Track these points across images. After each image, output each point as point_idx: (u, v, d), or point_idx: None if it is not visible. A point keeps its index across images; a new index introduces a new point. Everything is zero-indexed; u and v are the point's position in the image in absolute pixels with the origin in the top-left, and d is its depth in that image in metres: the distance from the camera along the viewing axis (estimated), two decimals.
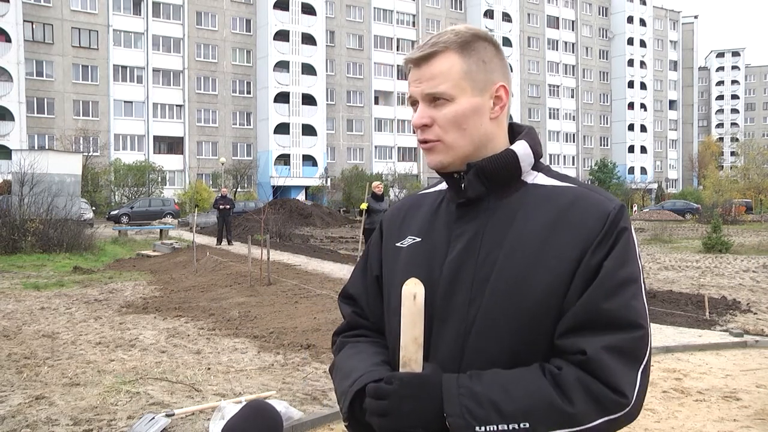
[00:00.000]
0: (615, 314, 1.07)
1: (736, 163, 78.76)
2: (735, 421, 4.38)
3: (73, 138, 45.78)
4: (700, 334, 7.20)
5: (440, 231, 1.23)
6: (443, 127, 1.18)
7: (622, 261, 1.10)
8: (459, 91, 1.17)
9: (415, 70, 1.20)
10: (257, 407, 1.51)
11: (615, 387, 1.04)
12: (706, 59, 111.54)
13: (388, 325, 1.27)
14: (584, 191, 1.18)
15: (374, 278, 1.33)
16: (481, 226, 1.18)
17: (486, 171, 1.18)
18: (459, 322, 1.15)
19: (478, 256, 1.16)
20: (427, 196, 1.34)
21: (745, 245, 20.74)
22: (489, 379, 1.07)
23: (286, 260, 14.69)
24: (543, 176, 1.22)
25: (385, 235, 1.34)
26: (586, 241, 1.11)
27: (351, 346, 1.29)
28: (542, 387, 1.05)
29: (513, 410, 1.03)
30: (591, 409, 1.04)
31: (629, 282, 1.10)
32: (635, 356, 1.08)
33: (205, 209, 37.86)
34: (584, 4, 78.90)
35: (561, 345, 1.09)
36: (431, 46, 1.18)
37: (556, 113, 75.61)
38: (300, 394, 4.94)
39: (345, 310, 1.37)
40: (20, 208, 17.16)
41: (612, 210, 1.13)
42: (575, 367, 1.06)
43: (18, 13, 45.66)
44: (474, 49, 1.19)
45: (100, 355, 6.27)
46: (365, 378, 1.15)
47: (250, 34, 57.38)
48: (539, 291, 1.10)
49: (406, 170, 60.82)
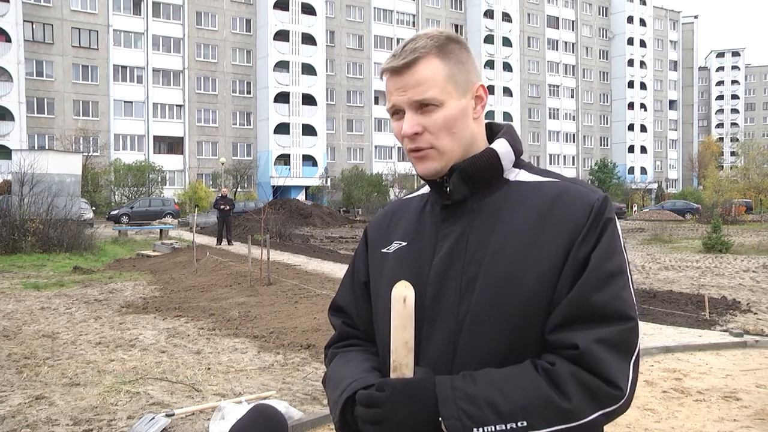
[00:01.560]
0: (605, 307, 1.07)
1: (736, 163, 78.76)
2: (735, 421, 4.38)
3: (73, 138, 45.76)
4: (700, 334, 7.20)
5: (426, 234, 1.23)
6: (435, 133, 1.16)
7: (609, 253, 1.10)
8: (446, 95, 1.16)
9: (395, 79, 1.17)
10: (263, 410, 1.52)
11: (609, 379, 1.04)
12: (706, 59, 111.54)
13: (378, 330, 1.26)
14: (567, 184, 1.18)
15: (362, 284, 1.32)
16: (467, 226, 1.18)
17: (468, 172, 1.18)
18: (449, 322, 1.14)
19: (465, 256, 1.16)
20: (410, 200, 1.34)
21: (745, 245, 20.74)
22: (483, 379, 1.06)
23: (286, 260, 14.69)
24: (525, 173, 1.22)
25: (371, 242, 1.34)
26: (572, 234, 1.11)
27: (341, 355, 1.29)
28: (538, 384, 1.04)
29: (510, 409, 1.02)
30: (587, 404, 1.03)
31: (617, 274, 1.10)
32: (626, 348, 1.07)
33: (205, 209, 37.87)
34: (584, 4, 78.87)
35: (552, 340, 1.09)
36: (412, 52, 1.15)
37: (556, 113, 75.59)
38: (300, 394, 4.94)
39: (335, 321, 1.37)
40: (20, 208, 17.16)
41: (596, 201, 1.14)
42: (568, 362, 1.05)
43: (18, 13, 45.65)
44: (451, 51, 1.18)
45: (100, 355, 6.27)
46: (355, 385, 1.14)
47: (250, 34, 57.37)
48: (529, 286, 1.10)
49: (406, 170, 60.75)
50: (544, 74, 74.39)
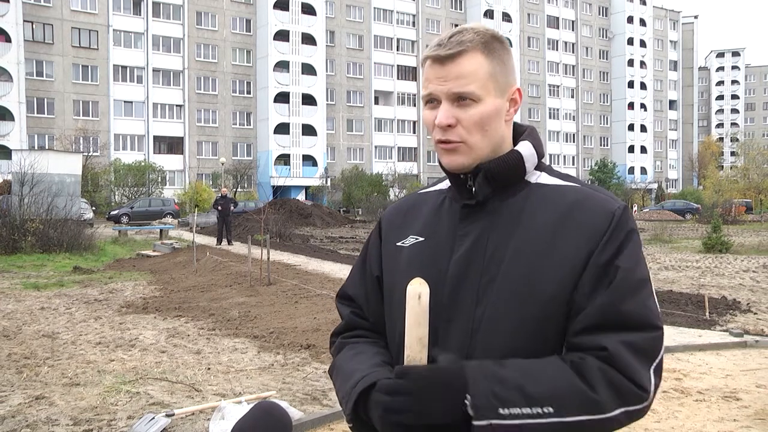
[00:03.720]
0: (634, 316, 1.09)
1: (736, 163, 78.76)
2: (735, 421, 4.38)
3: (73, 138, 45.73)
4: (700, 334, 7.20)
5: (444, 230, 1.22)
6: (467, 128, 1.16)
7: (635, 262, 1.12)
8: (485, 92, 1.16)
9: (437, 67, 1.16)
10: (267, 408, 1.51)
11: (635, 380, 1.06)
12: (706, 59, 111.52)
13: (391, 325, 1.26)
14: (588, 191, 1.19)
15: (374, 279, 1.32)
16: (487, 226, 1.18)
17: (494, 172, 1.18)
18: (466, 321, 1.14)
19: (484, 256, 1.16)
20: (427, 195, 1.33)
21: (745, 245, 20.74)
22: (512, 364, 1.07)
23: (286, 260, 14.69)
24: (546, 175, 1.23)
25: (385, 234, 1.33)
26: (592, 240, 1.12)
27: (351, 346, 1.28)
28: (567, 374, 1.05)
29: (538, 394, 1.02)
30: (612, 399, 1.04)
31: (644, 283, 1.12)
32: (651, 355, 1.09)
33: (205, 209, 37.87)
34: (584, 4, 78.88)
35: (578, 342, 1.10)
36: (458, 45, 1.15)
37: (556, 113, 75.60)
38: (300, 394, 4.94)
39: (343, 310, 1.36)
40: (20, 208, 17.16)
41: (617, 209, 1.15)
42: (596, 359, 1.07)
43: (18, 13, 45.65)
44: (495, 49, 1.18)
45: (100, 355, 6.27)
46: (368, 379, 1.13)
47: (250, 34, 57.37)
48: (547, 289, 1.11)
49: (406, 170, 60.79)
50: (544, 74, 74.39)
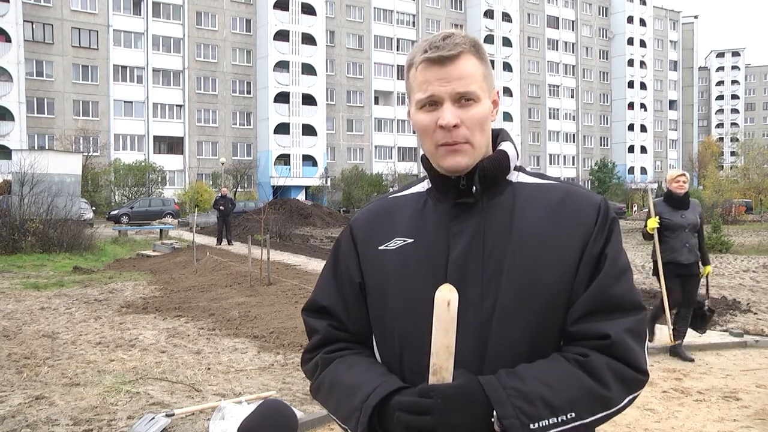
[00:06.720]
0: (622, 298, 1.16)
1: (736, 163, 78.71)
2: (735, 421, 4.38)
3: (73, 138, 45.76)
4: (700, 334, 7.19)
5: (434, 230, 1.23)
6: (470, 128, 1.18)
7: (618, 249, 1.20)
8: (482, 92, 1.19)
9: (437, 69, 1.17)
10: (273, 406, 1.52)
11: (638, 367, 1.13)
12: (706, 59, 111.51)
13: (385, 331, 1.24)
14: (570, 187, 1.26)
15: (355, 285, 1.28)
16: (480, 222, 1.20)
17: (487, 171, 1.21)
18: (475, 318, 1.15)
19: (483, 252, 1.18)
20: (404, 198, 1.32)
21: (745, 245, 20.74)
22: (527, 375, 1.09)
23: (286, 260, 14.69)
24: (524, 175, 1.27)
25: (360, 240, 1.30)
26: (585, 231, 1.18)
27: (340, 360, 1.25)
28: (579, 377, 1.10)
29: (560, 403, 1.07)
30: (621, 391, 1.12)
31: (628, 268, 1.20)
32: (643, 335, 1.17)
33: (205, 209, 37.88)
34: (584, 4, 78.87)
35: (577, 331, 1.15)
36: (456, 46, 1.17)
37: (556, 113, 75.58)
38: (300, 394, 4.94)
39: (317, 324, 1.30)
40: (20, 208, 17.16)
41: (601, 202, 1.23)
42: (600, 353, 1.12)
43: (18, 13, 45.65)
44: (483, 53, 1.22)
45: (100, 355, 6.27)
46: (381, 391, 1.13)
47: (250, 34, 57.37)
48: (553, 278, 1.16)
49: (406, 170, 60.78)
50: (544, 74, 74.39)
